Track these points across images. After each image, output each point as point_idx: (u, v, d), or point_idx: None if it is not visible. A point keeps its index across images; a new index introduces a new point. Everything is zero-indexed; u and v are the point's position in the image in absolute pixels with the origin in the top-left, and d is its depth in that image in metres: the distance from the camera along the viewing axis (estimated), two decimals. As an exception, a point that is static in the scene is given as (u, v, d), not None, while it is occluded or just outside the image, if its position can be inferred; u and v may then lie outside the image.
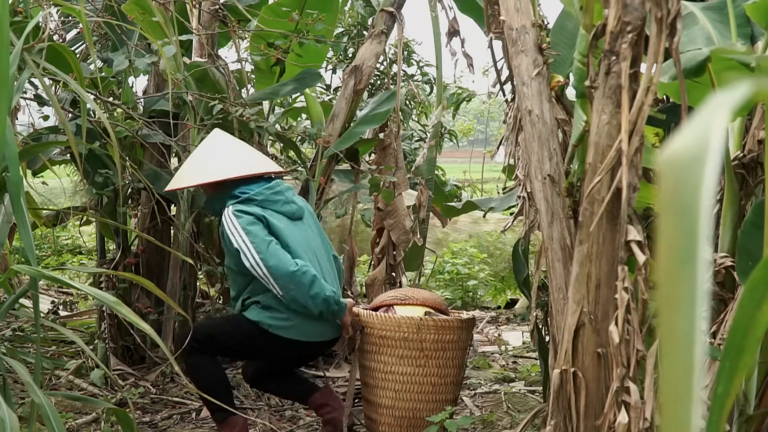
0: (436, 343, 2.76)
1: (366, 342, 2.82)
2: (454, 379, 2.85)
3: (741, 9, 1.94)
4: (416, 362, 2.76)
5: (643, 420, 1.56)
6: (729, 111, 0.39)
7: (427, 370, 2.78)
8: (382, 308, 2.95)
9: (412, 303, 2.92)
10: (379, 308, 2.96)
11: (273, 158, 4.19)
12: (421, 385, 2.78)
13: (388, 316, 2.80)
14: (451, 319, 2.84)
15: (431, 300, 2.98)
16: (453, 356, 2.81)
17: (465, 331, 2.85)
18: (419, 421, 2.78)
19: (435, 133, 4.09)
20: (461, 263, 5.87)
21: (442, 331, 2.77)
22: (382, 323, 2.78)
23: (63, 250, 6.98)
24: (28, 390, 1.70)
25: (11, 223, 1.93)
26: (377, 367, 2.81)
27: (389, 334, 2.76)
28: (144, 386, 3.39)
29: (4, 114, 1.57)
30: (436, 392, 2.79)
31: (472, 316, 3.02)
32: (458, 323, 2.82)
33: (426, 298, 2.97)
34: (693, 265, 0.36)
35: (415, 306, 2.91)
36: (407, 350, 2.76)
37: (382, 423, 2.83)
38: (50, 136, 3.39)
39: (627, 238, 1.58)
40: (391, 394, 2.81)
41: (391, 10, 3.89)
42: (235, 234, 2.60)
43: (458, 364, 2.85)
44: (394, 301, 2.95)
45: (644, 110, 1.48)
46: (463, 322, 2.85)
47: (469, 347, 2.95)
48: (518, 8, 2.00)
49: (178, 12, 3.66)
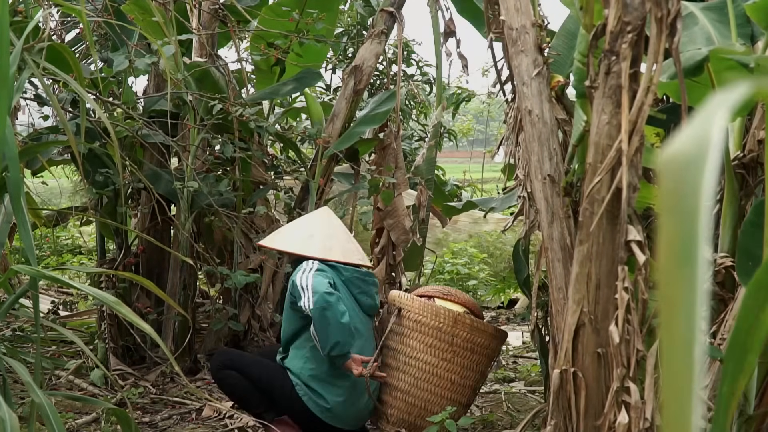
0: (467, 342, 2.78)
1: (398, 324, 2.83)
2: (474, 383, 2.86)
3: (741, 9, 1.94)
4: (443, 355, 2.78)
5: (643, 420, 1.56)
6: (729, 111, 0.39)
7: (451, 366, 2.79)
8: (423, 297, 2.97)
9: (453, 300, 2.95)
10: (421, 296, 2.99)
11: (273, 158, 4.20)
12: (441, 378, 2.79)
13: (428, 303, 2.82)
14: (487, 324, 2.88)
15: (471, 303, 3.00)
16: (479, 360, 2.82)
17: (496, 340, 2.88)
18: (428, 413, 2.78)
19: (435, 133, 4.09)
20: (461, 263, 5.87)
21: (476, 332, 2.79)
22: (421, 308, 2.79)
23: (63, 250, 6.98)
24: (28, 390, 1.70)
25: (11, 223, 1.93)
26: (403, 350, 2.81)
27: (425, 320, 2.78)
28: (144, 386, 3.39)
29: (4, 114, 1.57)
30: (453, 390, 2.80)
31: (505, 332, 3.01)
32: (493, 330, 2.86)
33: (467, 300, 3.00)
34: (693, 265, 0.36)
35: (455, 303, 2.94)
36: (437, 341, 2.77)
37: (393, 406, 2.83)
38: (50, 136, 3.39)
39: (627, 238, 1.58)
40: (410, 380, 2.81)
41: (391, 10, 3.89)
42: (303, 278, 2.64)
43: (481, 371, 2.86)
44: (437, 294, 2.98)
45: (644, 110, 1.48)
46: (497, 331, 2.89)
47: (495, 359, 2.97)
48: (518, 8, 2.00)
49: (178, 12, 3.66)
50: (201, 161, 3.61)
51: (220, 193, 3.49)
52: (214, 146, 3.64)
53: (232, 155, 3.55)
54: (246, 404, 2.81)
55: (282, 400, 2.73)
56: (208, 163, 3.61)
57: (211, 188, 3.45)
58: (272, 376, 2.75)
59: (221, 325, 3.54)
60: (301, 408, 2.70)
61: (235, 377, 2.74)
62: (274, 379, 2.73)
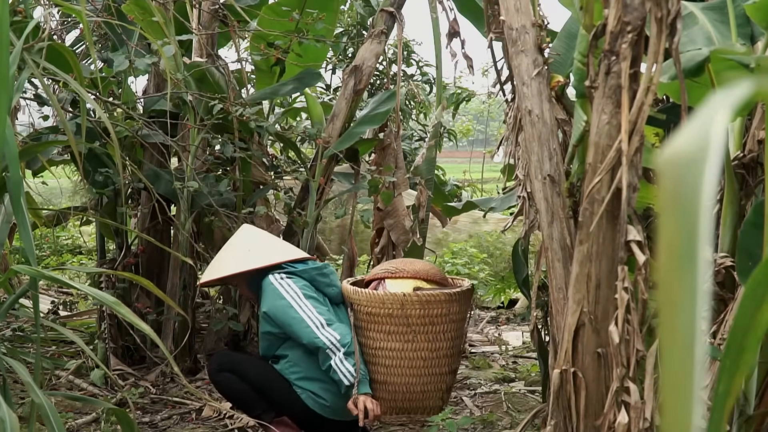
0: (423, 318, 2.69)
1: (356, 318, 2.79)
2: (448, 351, 2.78)
3: (741, 9, 1.94)
4: (404, 338, 2.71)
5: (643, 420, 1.56)
6: (729, 111, 0.39)
7: (416, 345, 2.72)
8: (374, 281, 2.90)
9: (402, 276, 2.85)
10: (371, 281, 2.92)
11: (272, 158, 4.20)
12: (412, 360, 2.73)
13: (371, 293, 2.74)
14: (437, 293, 2.74)
15: (424, 272, 2.88)
16: (444, 330, 2.74)
17: (457, 303, 2.76)
18: (414, 395, 2.75)
19: (435, 133, 4.08)
20: (461, 263, 5.87)
21: (429, 306, 2.69)
22: (368, 300, 2.72)
23: (63, 250, 6.98)
24: (28, 390, 1.70)
25: (11, 223, 1.93)
26: (367, 343, 2.77)
27: (375, 310, 2.71)
28: (144, 386, 3.39)
29: (4, 114, 1.57)
30: (428, 366, 2.74)
31: (469, 286, 2.90)
32: (446, 297, 2.72)
33: (418, 270, 2.88)
34: (693, 265, 0.36)
35: (405, 279, 2.84)
36: (393, 326, 2.70)
37: (379, 398, 2.78)
38: (50, 136, 3.39)
39: (627, 238, 1.58)
40: (383, 370, 2.76)
41: (391, 10, 3.89)
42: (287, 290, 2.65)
43: (451, 337, 2.78)
44: (386, 275, 2.89)
45: (644, 110, 1.48)
46: (452, 296, 2.74)
47: (468, 317, 2.88)
48: (518, 8, 2.00)
49: (178, 12, 3.66)
50: (201, 161, 3.61)
51: (220, 193, 3.49)
52: (214, 146, 3.64)
53: (232, 155, 3.55)
54: (244, 406, 2.80)
55: (281, 400, 2.73)
56: (208, 163, 3.61)
57: (211, 188, 3.45)
58: (270, 377, 2.74)
59: (221, 325, 3.54)
60: (302, 407, 2.70)
61: (233, 380, 2.73)
62: (272, 380, 2.73)
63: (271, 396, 2.73)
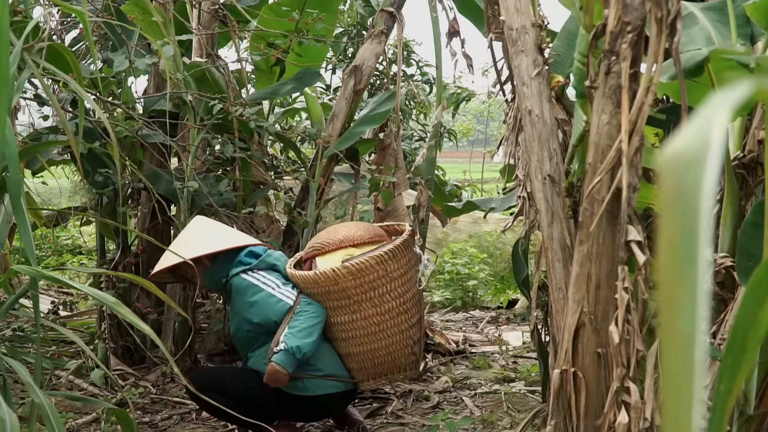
0: (361, 287, 2.62)
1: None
2: (400, 309, 2.70)
3: (741, 9, 1.94)
4: (349, 309, 2.66)
5: (643, 420, 1.56)
6: (729, 111, 0.39)
7: (364, 314, 2.66)
8: (307, 261, 2.84)
9: (329, 250, 2.77)
10: (304, 261, 2.86)
11: (273, 158, 4.21)
12: (365, 328, 2.68)
13: (305, 275, 2.68)
14: (366, 260, 2.63)
15: (349, 238, 2.79)
16: (387, 290, 2.66)
17: (392, 261, 2.65)
18: (381, 358, 2.72)
19: (435, 133, 4.09)
20: (461, 263, 5.87)
21: (362, 274, 2.61)
22: (304, 282, 2.68)
23: (63, 250, 6.98)
24: (28, 390, 1.70)
25: (11, 223, 1.93)
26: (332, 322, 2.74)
27: (313, 290, 2.67)
28: (144, 386, 3.39)
29: (4, 114, 1.57)
30: (384, 329, 2.70)
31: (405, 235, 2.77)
32: (377, 260, 2.62)
33: (343, 239, 2.78)
34: (693, 265, 0.36)
35: (333, 252, 2.76)
36: (335, 301, 2.66)
37: (352, 369, 2.78)
38: (50, 136, 3.39)
39: (627, 238, 1.58)
40: (343, 344, 2.74)
41: (391, 10, 3.89)
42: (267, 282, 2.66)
43: (398, 294, 2.69)
44: (314, 253, 2.82)
45: (644, 110, 1.48)
46: (383, 256, 2.64)
47: (413, 267, 2.75)
48: (518, 8, 2.00)
49: (178, 12, 3.66)
50: (201, 161, 3.61)
51: (220, 193, 3.49)
52: (214, 146, 3.64)
53: (232, 155, 3.55)
54: (237, 420, 2.71)
55: (272, 403, 2.68)
56: (208, 163, 3.61)
57: (211, 188, 3.45)
58: (252, 385, 2.68)
59: (221, 325, 3.54)
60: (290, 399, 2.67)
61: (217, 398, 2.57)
62: (256, 388, 2.66)
63: (256, 401, 2.67)
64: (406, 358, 2.78)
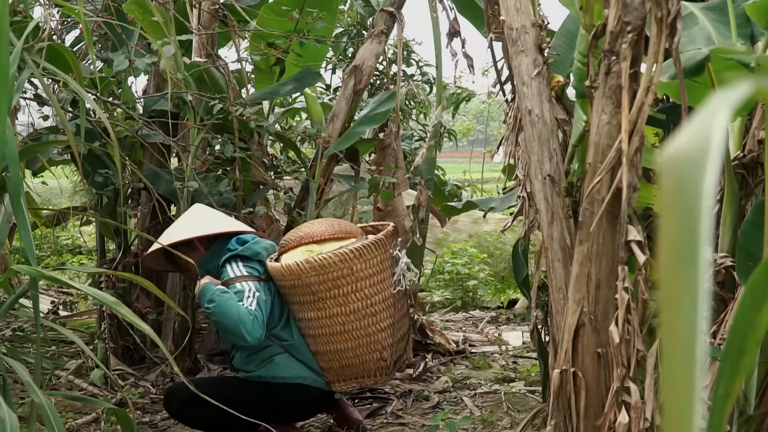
0: (325, 284, 2.54)
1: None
2: (367, 311, 2.58)
3: (741, 9, 1.94)
4: (314, 306, 2.59)
5: (643, 420, 1.56)
6: (729, 111, 0.39)
7: (328, 312, 2.57)
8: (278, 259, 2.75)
9: (289, 247, 2.70)
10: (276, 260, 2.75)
11: (273, 158, 4.21)
12: (330, 327, 2.59)
13: (273, 266, 2.62)
14: (327, 256, 2.53)
15: (309, 236, 2.69)
16: (352, 290, 2.55)
17: (359, 260, 2.54)
18: (348, 360, 2.63)
19: (435, 133, 4.09)
20: (461, 263, 5.87)
21: (324, 270, 2.51)
22: (274, 274, 2.63)
23: (63, 250, 6.98)
24: (28, 390, 1.70)
25: (11, 223, 1.93)
26: (295, 317, 2.71)
27: (282, 283, 2.63)
28: (144, 386, 3.39)
29: (4, 114, 1.57)
30: (350, 330, 2.59)
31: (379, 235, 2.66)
32: (340, 258, 2.52)
33: (303, 236, 2.70)
34: (693, 265, 0.36)
35: (294, 249, 2.68)
36: (301, 296, 2.61)
37: (323, 368, 2.70)
38: (50, 136, 3.39)
39: (627, 238, 1.58)
40: (312, 341, 2.67)
41: (391, 10, 3.89)
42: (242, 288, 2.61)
43: (364, 296, 2.57)
44: (280, 251, 2.75)
45: (644, 110, 1.48)
46: (348, 255, 2.53)
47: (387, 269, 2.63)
48: (518, 8, 2.00)
49: (178, 12, 3.66)
50: (201, 161, 3.61)
51: (220, 193, 3.49)
52: (214, 146, 3.64)
53: (232, 155, 3.55)
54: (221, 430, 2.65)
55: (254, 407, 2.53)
56: (208, 163, 3.61)
57: (211, 188, 3.45)
58: (237, 393, 2.60)
59: (221, 325, 3.54)
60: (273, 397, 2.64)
61: (199, 413, 2.56)
62: (237, 395, 2.56)
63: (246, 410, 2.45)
64: (375, 363, 2.65)
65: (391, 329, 2.67)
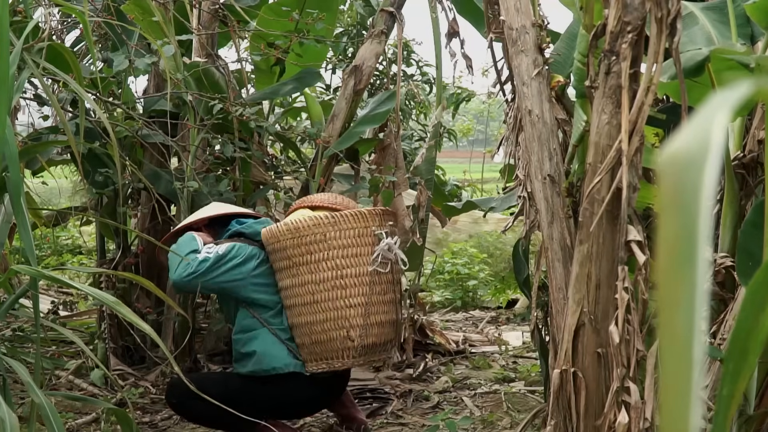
0: (299, 248, 2.52)
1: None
2: (336, 282, 2.53)
3: (741, 9, 1.94)
4: (290, 273, 2.56)
5: (643, 420, 1.56)
6: (729, 111, 0.39)
7: (300, 279, 2.54)
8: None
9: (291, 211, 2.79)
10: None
11: (272, 158, 4.20)
12: (302, 296, 2.55)
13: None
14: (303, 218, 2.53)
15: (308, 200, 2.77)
16: (324, 258, 2.51)
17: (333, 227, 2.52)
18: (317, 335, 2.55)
19: (435, 133, 4.08)
20: (461, 263, 5.87)
21: (299, 233, 2.51)
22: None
23: (63, 250, 6.98)
24: (28, 390, 1.70)
25: (11, 223, 1.93)
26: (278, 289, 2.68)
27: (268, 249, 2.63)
28: (144, 386, 3.39)
29: (4, 114, 1.57)
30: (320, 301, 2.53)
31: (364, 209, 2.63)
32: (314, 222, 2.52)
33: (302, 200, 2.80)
34: (693, 265, 0.36)
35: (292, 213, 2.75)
36: (280, 262, 2.59)
37: (298, 345, 2.64)
38: (50, 136, 3.39)
39: (627, 238, 1.58)
40: (289, 313, 2.63)
41: (391, 10, 3.89)
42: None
43: (336, 265, 2.53)
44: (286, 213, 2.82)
45: (644, 110, 1.48)
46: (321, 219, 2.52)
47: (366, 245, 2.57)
48: (518, 8, 2.00)
49: (178, 12, 3.66)
50: (201, 161, 3.60)
51: (220, 193, 3.49)
52: (214, 146, 3.64)
53: (232, 155, 3.55)
54: (225, 427, 2.66)
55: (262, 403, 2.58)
56: (208, 163, 3.61)
57: (211, 188, 3.45)
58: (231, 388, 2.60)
59: (221, 325, 3.54)
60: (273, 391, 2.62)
61: (199, 408, 2.53)
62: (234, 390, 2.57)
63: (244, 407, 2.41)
64: (342, 342, 2.55)
65: (363, 308, 2.56)
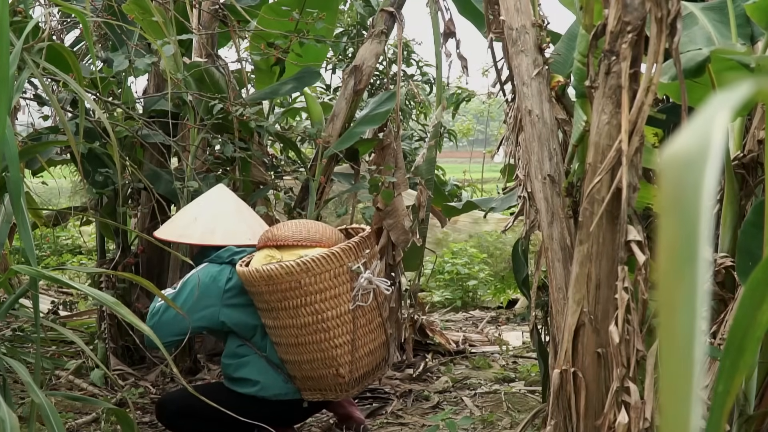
0: (275, 294, 2.43)
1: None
2: (321, 326, 2.44)
3: (741, 9, 1.94)
4: (270, 315, 2.50)
5: (643, 420, 1.56)
6: (729, 111, 0.39)
7: (281, 323, 2.47)
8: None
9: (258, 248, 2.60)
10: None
11: (272, 158, 4.21)
12: (285, 338, 2.49)
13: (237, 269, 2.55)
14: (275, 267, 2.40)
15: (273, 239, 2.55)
16: (302, 304, 2.42)
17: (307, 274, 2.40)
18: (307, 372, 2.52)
19: (435, 133, 4.08)
20: (461, 263, 5.87)
21: (272, 281, 2.40)
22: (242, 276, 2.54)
23: (63, 250, 6.98)
24: (28, 390, 1.70)
25: (11, 223, 1.93)
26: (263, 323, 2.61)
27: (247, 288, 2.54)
28: (144, 386, 3.39)
29: (4, 114, 1.57)
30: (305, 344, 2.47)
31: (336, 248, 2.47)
32: (286, 270, 2.38)
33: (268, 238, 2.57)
34: (693, 265, 0.36)
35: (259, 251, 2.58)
36: (259, 303, 2.52)
37: (291, 377, 2.61)
38: (50, 136, 3.39)
39: (627, 238, 1.58)
40: (277, 349, 2.59)
41: (391, 10, 3.89)
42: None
43: (316, 310, 2.43)
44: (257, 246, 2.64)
45: (644, 110, 1.48)
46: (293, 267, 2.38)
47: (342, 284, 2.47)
48: (518, 8, 2.00)
49: (178, 12, 3.66)
50: (201, 161, 3.61)
51: (220, 193, 3.49)
52: (214, 146, 3.64)
53: (232, 155, 3.55)
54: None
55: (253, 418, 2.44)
56: (208, 163, 3.61)
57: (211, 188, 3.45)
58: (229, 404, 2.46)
59: (221, 325, 3.54)
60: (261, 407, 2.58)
61: (192, 422, 2.54)
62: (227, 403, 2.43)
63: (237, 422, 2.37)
64: (333, 379, 2.52)
65: (349, 346, 2.51)
